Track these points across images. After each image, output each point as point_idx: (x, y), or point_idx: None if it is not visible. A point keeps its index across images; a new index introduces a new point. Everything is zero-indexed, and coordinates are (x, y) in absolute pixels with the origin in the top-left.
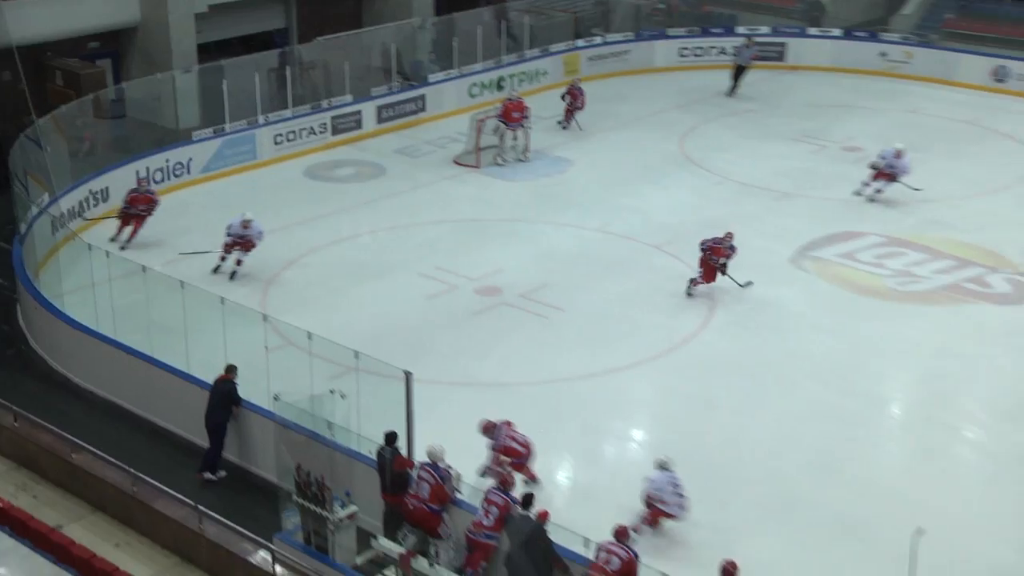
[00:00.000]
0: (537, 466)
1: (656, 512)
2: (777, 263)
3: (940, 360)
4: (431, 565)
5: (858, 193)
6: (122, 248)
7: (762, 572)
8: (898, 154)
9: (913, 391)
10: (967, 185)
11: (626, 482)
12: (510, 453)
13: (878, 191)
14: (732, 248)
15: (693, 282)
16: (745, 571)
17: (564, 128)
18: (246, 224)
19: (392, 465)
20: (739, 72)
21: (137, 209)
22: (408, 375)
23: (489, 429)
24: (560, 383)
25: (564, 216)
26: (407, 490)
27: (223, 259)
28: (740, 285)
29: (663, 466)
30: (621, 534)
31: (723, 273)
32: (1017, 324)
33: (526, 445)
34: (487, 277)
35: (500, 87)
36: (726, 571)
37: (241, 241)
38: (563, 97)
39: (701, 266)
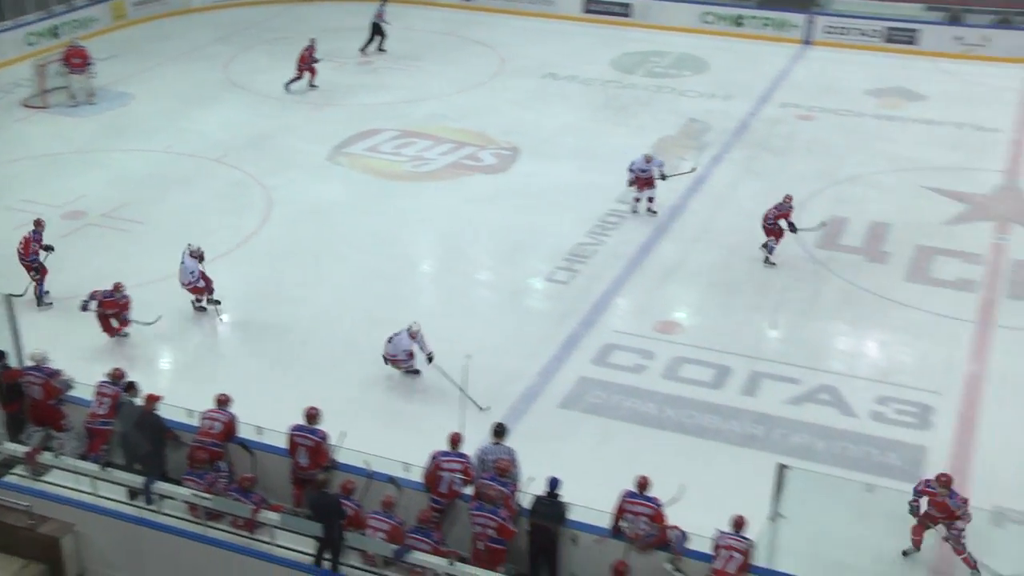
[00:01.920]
0: (134, 356)
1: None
2: (317, 162)
3: (451, 223)
4: (56, 457)
5: (634, 211)
6: None
7: (339, 410)
8: (647, 159)
9: (436, 250)
10: (454, 83)
11: (215, 357)
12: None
13: (640, 199)
14: (791, 208)
15: (769, 250)
16: (325, 415)
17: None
18: None
19: (3, 379)
20: (378, 29)
21: None
22: (8, 297)
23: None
24: (150, 284)
25: (132, 143)
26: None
27: None
28: (815, 229)
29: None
30: (223, 402)
31: (794, 231)
32: (503, 187)
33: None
34: (70, 203)
35: (56, 35)
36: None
37: None
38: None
39: (769, 234)
